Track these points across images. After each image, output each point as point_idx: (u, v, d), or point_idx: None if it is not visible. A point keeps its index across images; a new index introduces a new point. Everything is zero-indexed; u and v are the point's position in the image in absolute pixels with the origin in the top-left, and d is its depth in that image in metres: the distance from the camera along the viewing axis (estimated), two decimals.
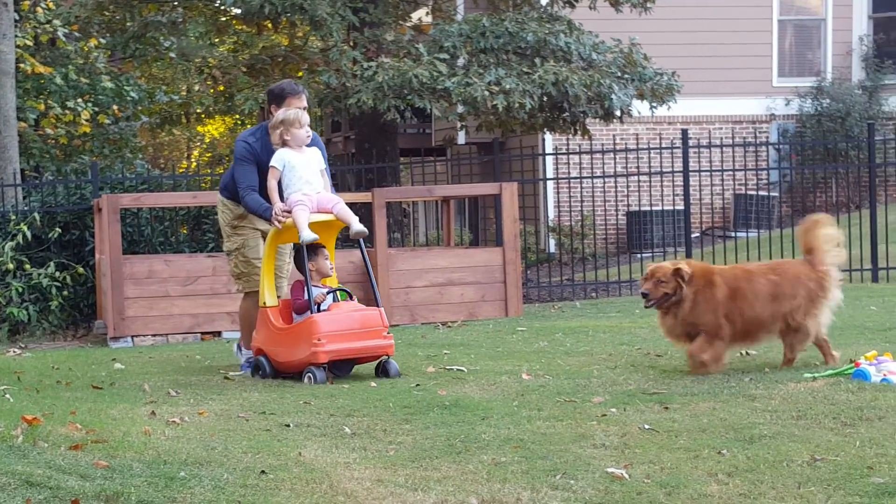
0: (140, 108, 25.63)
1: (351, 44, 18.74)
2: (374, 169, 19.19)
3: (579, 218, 22.89)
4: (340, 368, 9.54)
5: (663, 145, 19.93)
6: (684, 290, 8.76)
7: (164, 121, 28.01)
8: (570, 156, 22.67)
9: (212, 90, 24.50)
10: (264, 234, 10.17)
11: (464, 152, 27.45)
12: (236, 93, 19.65)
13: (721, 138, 24.48)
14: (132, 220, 16.16)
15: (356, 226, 9.43)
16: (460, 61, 18.03)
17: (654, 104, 18.96)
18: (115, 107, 23.58)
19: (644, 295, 8.88)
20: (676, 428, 6.99)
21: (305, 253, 9.48)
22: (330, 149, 29.36)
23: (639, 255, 21.75)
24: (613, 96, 17.81)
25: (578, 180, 21.05)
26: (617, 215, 24.25)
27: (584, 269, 20.29)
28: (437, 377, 9.44)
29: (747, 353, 9.94)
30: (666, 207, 23.00)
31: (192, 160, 43.47)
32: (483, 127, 20.40)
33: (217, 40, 26.24)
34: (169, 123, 28.59)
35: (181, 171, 34.53)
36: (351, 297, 9.82)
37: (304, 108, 9.93)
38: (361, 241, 9.85)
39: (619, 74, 18.31)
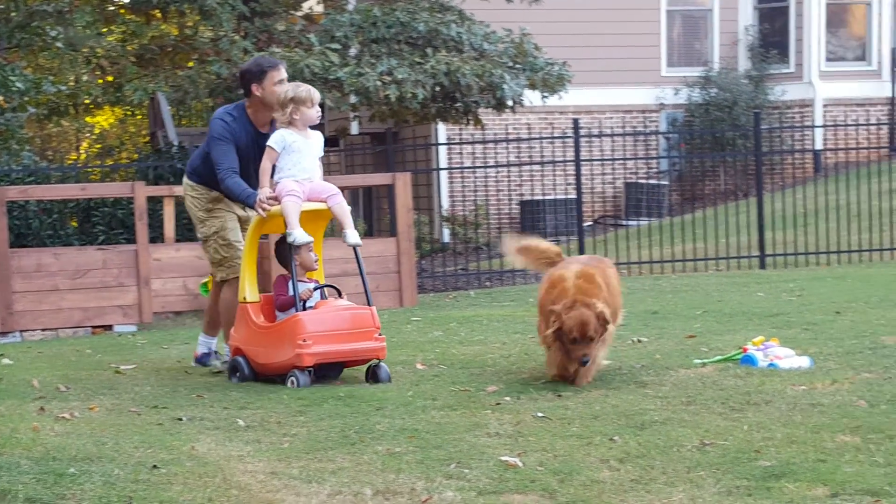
0: (27, 98, 25.19)
1: (242, 34, 18.61)
2: None
3: (473, 207, 22.98)
4: (327, 372, 8.69)
5: (555, 135, 20.11)
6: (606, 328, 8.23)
7: (52, 112, 27.59)
8: (464, 146, 22.78)
9: (100, 80, 24.23)
10: (242, 224, 9.53)
11: (357, 143, 27.41)
12: (125, 83, 19.44)
13: (612, 128, 24.71)
14: (19, 213, 15.94)
15: (351, 235, 8.66)
16: (352, 51, 18.00)
17: (546, 94, 19.08)
18: (0, 98, 23.18)
19: (585, 362, 8.00)
20: (569, 415, 7.06)
21: (291, 248, 8.59)
22: None
23: None
24: (505, 86, 17.88)
25: (472, 170, 21.13)
26: (510, 205, 24.37)
27: (478, 258, 20.37)
28: None
29: (639, 341, 10.07)
30: (559, 196, 23.16)
31: (82, 152, 42.87)
32: (376, 117, 20.38)
33: (105, 30, 25.92)
34: (57, 114, 28.17)
35: (70, 162, 34.06)
36: (340, 295, 8.95)
37: (284, 80, 9.16)
38: (358, 250, 8.96)
39: (511, 64, 18.39)
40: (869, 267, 17.28)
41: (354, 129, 26.56)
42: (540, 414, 7.10)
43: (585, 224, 20.82)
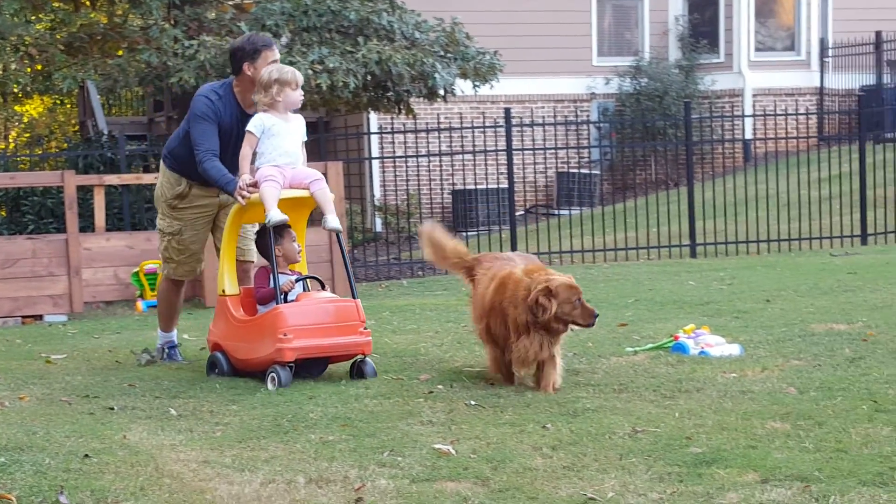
0: None
1: (171, 22, 18.47)
2: None
3: (405, 197, 22.96)
4: (310, 368, 8.22)
5: (487, 124, 20.10)
6: None
7: None
8: (395, 135, 22.73)
9: (28, 69, 23.92)
10: (214, 217, 9.12)
11: None
12: (54, 72, 19.22)
13: (543, 117, 24.75)
14: None
15: (331, 220, 8.17)
16: (283, 40, 17.90)
17: (477, 83, 19.08)
18: None
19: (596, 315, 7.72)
20: (502, 403, 7.08)
21: (272, 235, 8.20)
22: (153, 129, 28.97)
23: (464, 234, 21.90)
24: (437, 75, 17.86)
25: (403, 159, 21.12)
26: (442, 194, 24.37)
27: (410, 247, 20.36)
28: None
29: (571, 329, 10.10)
30: (490, 186, 23.20)
31: (10, 141, 42.41)
32: (307, 106, 20.26)
33: (34, 18, 25.60)
34: None
35: None
36: (323, 286, 8.57)
37: (278, 60, 8.70)
38: (340, 236, 8.79)
39: (442, 53, 18.38)
40: (798, 256, 17.45)
41: None
42: (473, 402, 7.12)
43: (517, 213, 20.88)
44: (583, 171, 25.40)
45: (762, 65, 27.06)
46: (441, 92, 18.66)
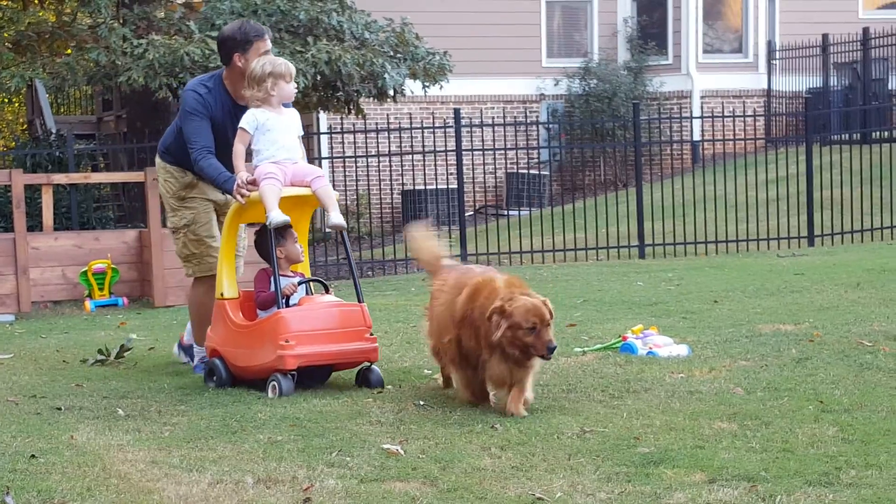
0: None
1: (120, 21, 18.36)
2: (147, 148, 18.89)
3: (355, 197, 22.93)
4: (313, 376, 7.79)
5: (436, 125, 20.10)
6: None
7: None
8: (345, 135, 22.70)
9: None
10: (220, 209, 8.69)
11: None
12: (2, 70, 19.06)
13: (493, 118, 24.80)
14: None
15: (335, 217, 7.74)
16: None
17: (427, 84, 19.08)
18: None
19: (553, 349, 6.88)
20: (451, 404, 7.09)
21: (272, 236, 7.83)
22: (102, 128, 28.80)
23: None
24: (386, 75, 17.84)
25: (353, 159, 21.09)
26: (392, 194, 24.36)
27: (360, 248, 20.34)
28: None
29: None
30: (440, 186, 23.20)
31: None
32: None
33: None
34: None
35: None
36: (327, 290, 8.20)
37: (270, 51, 8.30)
38: (344, 234, 8.37)
39: (392, 54, 18.36)
40: (746, 257, 17.56)
41: None
42: (422, 402, 7.12)
43: (467, 214, 20.90)
44: (532, 171, 25.46)
45: (710, 67, 27.22)
46: (391, 92, 18.64)
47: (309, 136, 21.95)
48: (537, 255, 18.35)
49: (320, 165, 23.45)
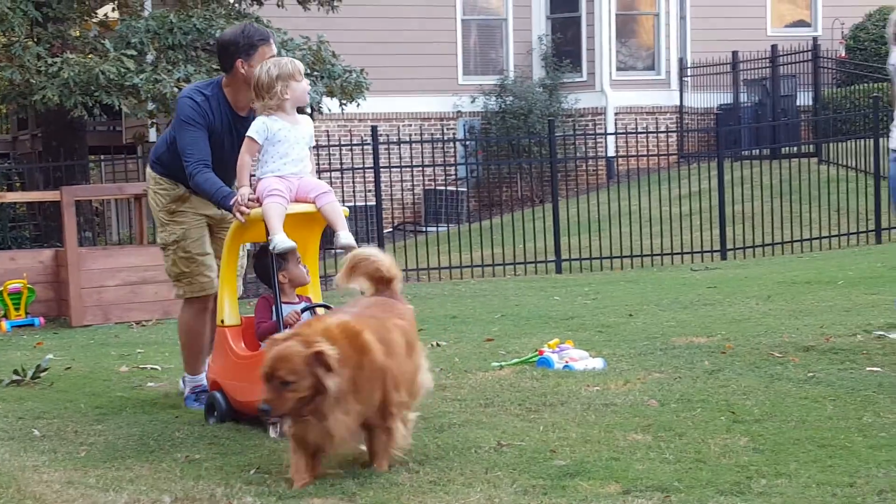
0: None
1: (35, 39, 18.24)
2: (63, 167, 18.77)
3: None
4: None
5: (354, 142, 20.14)
6: (335, 382, 5.60)
7: None
8: None
9: None
10: (216, 224, 7.97)
11: None
12: None
13: (410, 135, 24.87)
14: None
15: (343, 236, 7.04)
16: (149, 58, 17.78)
17: (344, 101, 19.12)
18: None
19: (265, 412, 5.64)
20: None
21: (274, 261, 7.15)
22: (17, 147, 28.51)
23: (333, 251, 21.90)
24: None
25: None
26: None
27: None
28: (131, 377, 9.33)
29: (439, 345, 10.18)
30: (358, 203, 23.21)
31: None
32: None
33: None
34: None
35: None
36: None
37: (275, 55, 7.55)
38: None
39: (309, 72, 18.39)
40: (660, 270, 17.74)
41: (152, 135, 26.21)
42: None
43: (385, 230, 20.93)
44: (450, 188, 25.55)
45: (624, 84, 27.50)
46: (308, 110, 18.65)
47: None
48: (455, 270, 18.43)
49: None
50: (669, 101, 27.82)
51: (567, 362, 8.62)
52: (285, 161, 7.15)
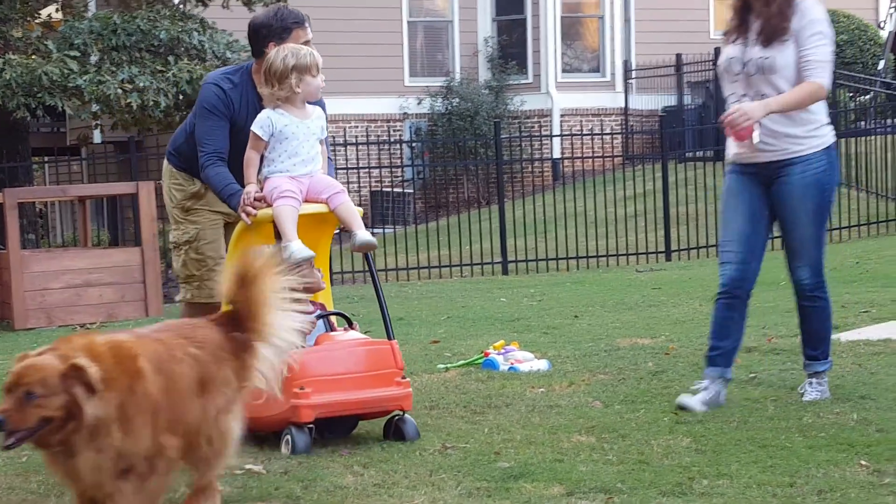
0: None
1: None
2: (5, 169, 18.64)
3: None
4: (334, 428, 6.60)
5: None
6: (94, 406, 4.60)
7: None
8: None
9: None
10: (233, 223, 7.05)
11: (100, 151, 26.91)
12: None
13: (356, 137, 24.87)
14: None
15: (361, 235, 6.56)
16: (93, 59, 17.70)
17: None
18: None
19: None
20: None
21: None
22: None
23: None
24: None
25: None
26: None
27: None
28: None
29: None
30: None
31: None
32: (119, 125, 20.06)
33: None
34: None
35: None
36: (350, 325, 6.80)
37: (310, 42, 7.02)
38: (369, 255, 7.09)
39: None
40: (606, 272, 17.84)
41: (97, 137, 26.11)
42: None
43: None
44: (396, 190, 25.57)
45: (569, 86, 27.62)
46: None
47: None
48: (402, 272, 18.44)
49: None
50: (614, 103, 27.96)
51: (512, 364, 8.66)
52: (295, 161, 6.60)
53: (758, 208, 7.09)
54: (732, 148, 7.12)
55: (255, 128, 6.60)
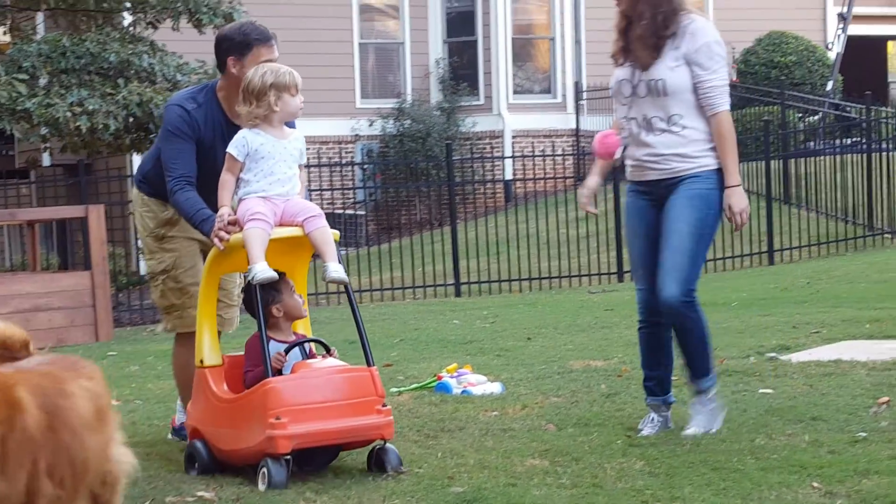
0: None
1: None
2: None
3: None
4: (314, 459, 6.36)
5: None
6: None
7: None
8: None
9: None
10: (209, 249, 6.72)
11: (49, 174, 26.77)
12: None
13: (308, 159, 24.81)
14: None
15: (332, 269, 6.44)
16: (41, 82, 17.59)
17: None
18: None
19: None
20: None
21: (258, 293, 6.32)
22: None
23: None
24: None
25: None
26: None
27: None
28: None
29: None
30: None
31: None
32: (68, 148, 19.97)
33: None
34: None
35: None
36: (328, 351, 6.60)
37: (274, 62, 6.86)
38: (348, 288, 6.93)
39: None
40: (558, 293, 17.87)
41: (46, 160, 25.97)
42: None
43: None
44: (348, 212, 25.53)
45: (520, 107, 27.70)
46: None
47: (122, 179, 21.73)
48: (355, 294, 18.40)
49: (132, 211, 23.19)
50: (566, 124, 28.06)
51: (465, 387, 8.65)
52: (271, 181, 6.43)
53: (655, 231, 6.87)
54: (628, 166, 6.99)
55: (231, 149, 6.43)
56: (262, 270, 6.18)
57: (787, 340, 10.29)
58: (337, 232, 6.65)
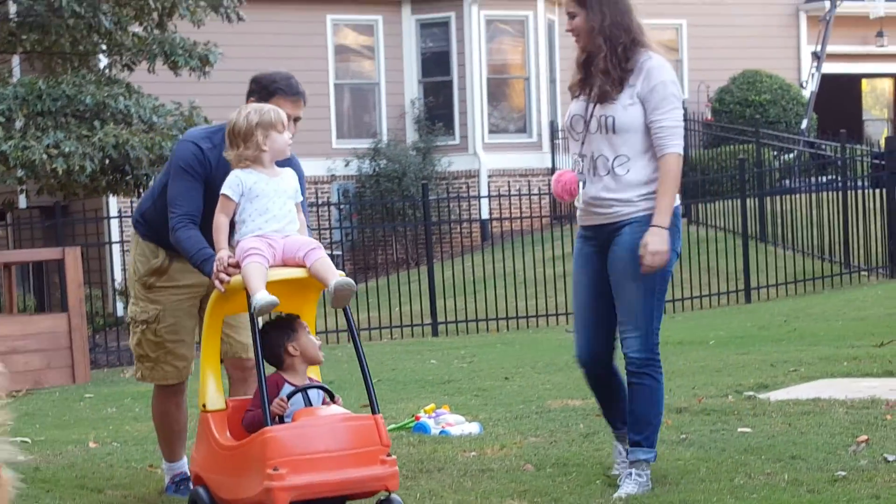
0: None
1: None
2: None
3: None
4: None
5: None
6: None
7: None
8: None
9: None
10: (208, 292, 6.57)
11: (25, 216, 26.70)
12: None
13: None
14: None
15: (336, 280, 6.11)
16: (17, 124, 17.58)
17: None
18: None
19: None
20: None
21: (257, 327, 6.15)
22: None
23: None
24: None
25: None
26: None
27: None
28: None
29: None
30: None
31: None
32: (45, 190, 19.94)
33: None
34: None
35: None
36: (332, 398, 6.37)
37: (297, 119, 6.84)
38: (348, 310, 6.56)
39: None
40: (535, 332, 17.88)
41: (22, 202, 25.91)
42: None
43: None
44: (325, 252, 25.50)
45: (496, 147, 27.78)
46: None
47: (98, 221, 21.70)
48: (332, 334, 18.38)
49: (110, 249, 23.15)
50: (541, 163, 28.13)
51: (443, 427, 8.65)
52: (266, 218, 6.27)
53: (599, 279, 6.70)
54: (577, 209, 6.79)
55: (226, 189, 6.28)
56: (262, 297, 5.95)
57: (765, 379, 10.31)
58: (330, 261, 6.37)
